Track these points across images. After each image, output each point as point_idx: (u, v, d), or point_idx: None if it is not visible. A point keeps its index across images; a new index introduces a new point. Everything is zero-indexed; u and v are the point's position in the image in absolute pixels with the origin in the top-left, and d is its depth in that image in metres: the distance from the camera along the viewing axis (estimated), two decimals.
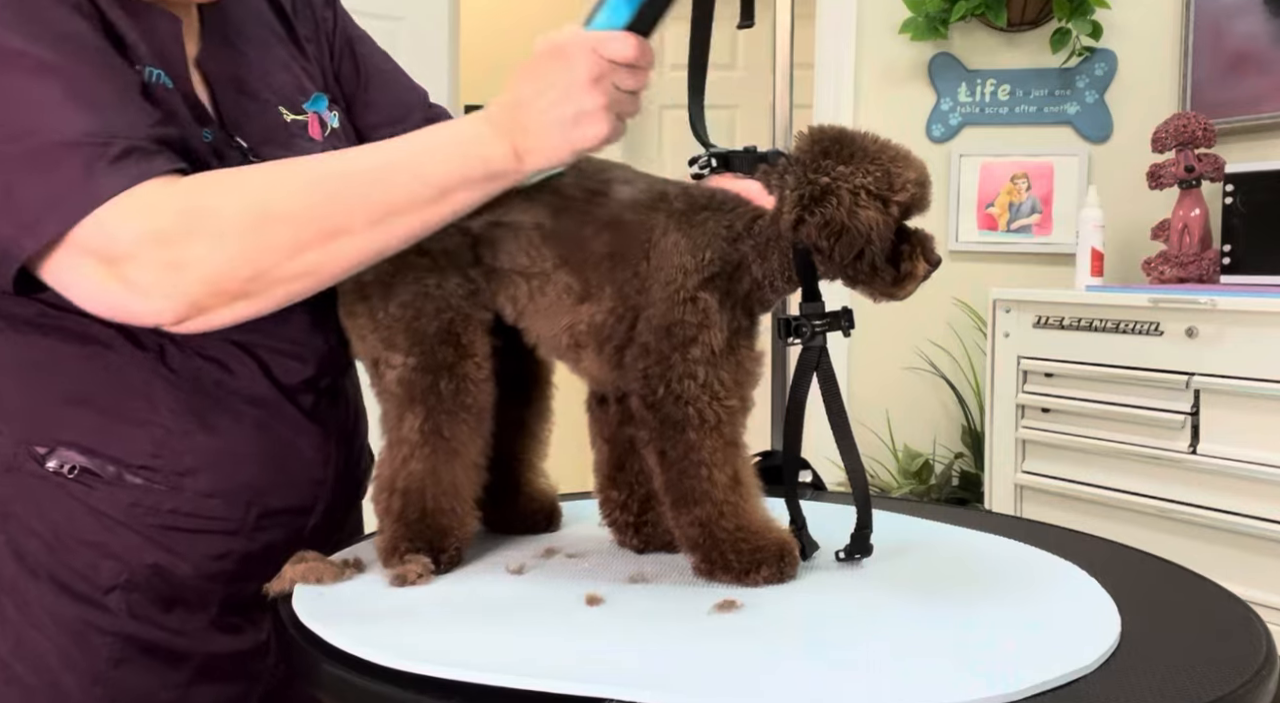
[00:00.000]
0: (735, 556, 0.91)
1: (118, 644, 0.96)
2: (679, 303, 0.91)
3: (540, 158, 0.87)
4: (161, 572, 0.97)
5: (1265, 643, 0.81)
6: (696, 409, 0.91)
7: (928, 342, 2.84)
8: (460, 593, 0.90)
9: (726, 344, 0.93)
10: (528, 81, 0.87)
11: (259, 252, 0.84)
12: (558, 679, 0.71)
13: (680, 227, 0.93)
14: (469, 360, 0.94)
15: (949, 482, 2.74)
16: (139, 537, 0.95)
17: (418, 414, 0.93)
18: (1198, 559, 1.26)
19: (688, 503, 0.92)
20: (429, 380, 0.93)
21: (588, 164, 0.97)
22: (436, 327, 0.93)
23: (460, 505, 0.96)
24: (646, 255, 0.92)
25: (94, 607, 0.95)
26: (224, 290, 0.84)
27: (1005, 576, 0.97)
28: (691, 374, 0.91)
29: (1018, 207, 2.83)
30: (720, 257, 0.92)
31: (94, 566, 0.95)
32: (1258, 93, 2.45)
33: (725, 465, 0.92)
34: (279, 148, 1.01)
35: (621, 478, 1.02)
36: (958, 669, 0.74)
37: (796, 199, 0.91)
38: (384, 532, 0.95)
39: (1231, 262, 2.25)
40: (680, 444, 0.91)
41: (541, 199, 0.94)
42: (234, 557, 1.00)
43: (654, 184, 0.96)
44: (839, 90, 2.93)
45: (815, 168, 0.92)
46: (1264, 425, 1.90)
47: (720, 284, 0.93)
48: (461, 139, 0.88)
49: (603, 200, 0.94)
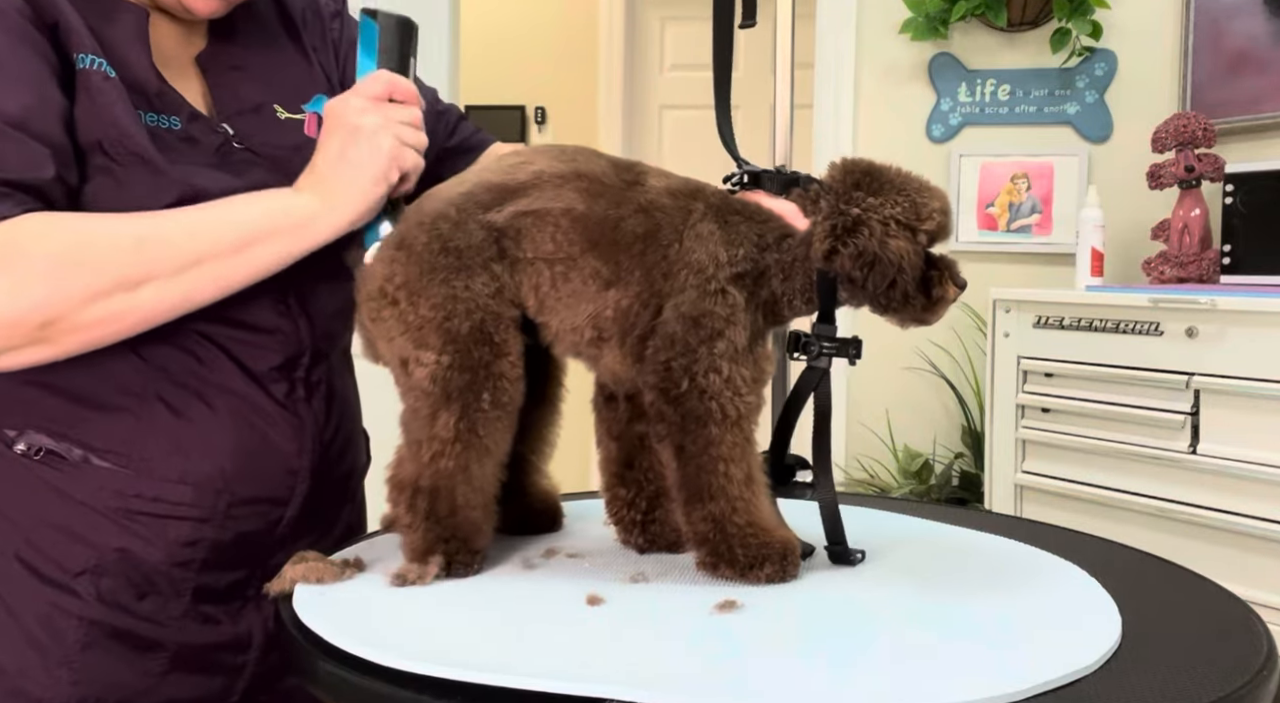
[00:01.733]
0: (742, 550, 0.91)
1: (85, 629, 0.97)
2: (710, 293, 0.92)
3: (348, 196, 0.96)
4: (130, 557, 0.98)
5: (1265, 643, 0.81)
6: (719, 404, 0.91)
7: (928, 342, 2.84)
8: (460, 593, 0.90)
9: (748, 343, 0.94)
10: (319, 153, 0.98)
11: (55, 298, 0.87)
12: (558, 679, 0.71)
13: (716, 217, 0.95)
14: (504, 359, 0.93)
15: (949, 482, 2.74)
16: (106, 521, 0.97)
17: (453, 412, 0.91)
18: (1198, 559, 1.26)
19: (702, 498, 0.92)
20: (466, 379, 0.91)
21: (615, 157, 0.99)
22: (469, 327, 0.91)
23: (487, 504, 0.96)
24: (680, 238, 0.93)
25: (63, 591, 0.97)
26: (16, 334, 0.87)
27: (1005, 576, 0.97)
28: (716, 368, 0.92)
29: (1018, 207, 2.83)
30: (749, 257, 0.94)
31: (63, 549, 0.97)
32: (1258, 93, 2.45)
33: (742, 462, 0.92)
34: (265, 134, 1.05)
35: (630, 476, 1.02)
36: (958, 669, 0.74)
37: (829, 229, 0.94)
38: (414, 531, 0.94)
39: (1231, 262, 2.25)
40: (700, 439, 0.92)
41: (575, 185, 0.94)
42: (205, 545, 1.01)
43: (690, 181, 0.98)
44: (839, 90, 2.93)
45: (847, 199, 0.95)
46: (1264, 425, 1.90)
47: (747, 284, 0.94)
48: (268, 196, 0.97)
49: (639, 188, 0.96)
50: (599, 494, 1.08)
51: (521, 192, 0.94)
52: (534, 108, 4.51)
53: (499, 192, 0.94)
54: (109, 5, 0.98)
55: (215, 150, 1.02)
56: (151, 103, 0.99)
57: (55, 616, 0.97)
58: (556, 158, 0.97)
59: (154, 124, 0.98)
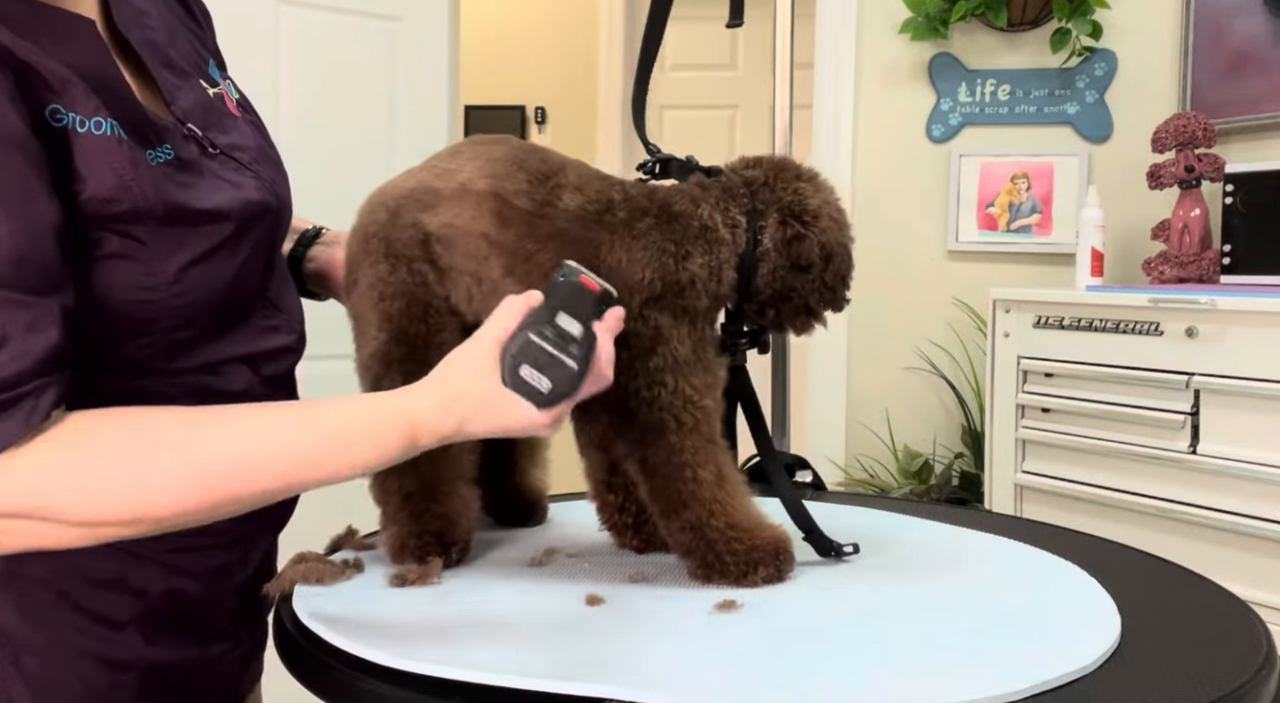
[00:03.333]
0: (731, 558, 0.91)
1: (138, 676, 0.90)
2: (630, 319, 0.91)
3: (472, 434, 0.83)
4: (176, 595, 0.91)
5: (1265, 643, 0.81)
6: (673, 414, 0.92)
7: (928, 342, 2.84)
8: (460, 593, 0.90)
9: (692, 352, 0.93)
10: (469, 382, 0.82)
11: (97, 532, 0.76)
12: (558, 679, 0.71)
13: (623, 241, 0.92)
14: (441, 333, 0.95)
15: (949, 482, 2.74)
16: (154, 565, 0.90)
17: (394, 383, 0.91)
18: (1198, 559, 1.26)
19: (676, 508, 0.92)
20: (404, 351, 0.94)
21: (539, 164, 0.95)
22: (399, 307, 0.95)
23: (459, 486, 0.96)
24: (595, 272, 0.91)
25: (111, 644, 0.89)
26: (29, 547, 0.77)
27: (1005, 575, 0.97)
28: (660, 381, 0.92)
29: (1018, 207, 2.83)
30: (661, 276, 0.92)
31: (109, 601, 0.88)
32: (1258, 93, 2.45)
33: (708, 464, 0.92)
34: (221, 134, 0.94)
35: (616, 482, 1.02)
36: (957, 669, 0.74)
37: (787, 215, 0.95)
38: (388, 528, 0.95)
39: (1231, 262, 2.25)
40: (662, 449, 0.92)
41: (489, 206, 0.93)
42: (235, 567, 0.96)
43: (603, 189, 0.95)
44: (839, 90, 2.93)
45: (794, 190, 0.96)
46: (1264, 425, 1.89)
47: (668, 303, 0.92)
48: (384, 451, 0.80)
49: (549, 212, 0.93)
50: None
51: (448, 202, 0.94)
52: (534, 108, 4.51)
53: (433, 196, 0.95)
54: (60, 24, 0.82)
55: (196, 162, 0.90)
56: (147, 138, 0.86)
57: (105, 669, 0.88)
58: (480, 169, 0.95)
59: (156, 163, 0.85)
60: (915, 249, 2.86)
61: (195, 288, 0.85)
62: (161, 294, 0.84)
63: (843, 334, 2.89)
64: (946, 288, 2.83)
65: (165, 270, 0.84)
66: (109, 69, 0.85)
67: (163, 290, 0.84)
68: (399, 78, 2.68)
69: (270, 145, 1.01)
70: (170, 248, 0.84)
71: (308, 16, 2.52)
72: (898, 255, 2.85)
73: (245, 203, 0.91)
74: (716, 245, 0.94)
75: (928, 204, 2.88)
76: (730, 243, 0.94)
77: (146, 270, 0.83)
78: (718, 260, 0.94)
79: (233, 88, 1.02)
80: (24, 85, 0.78)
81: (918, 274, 2.85)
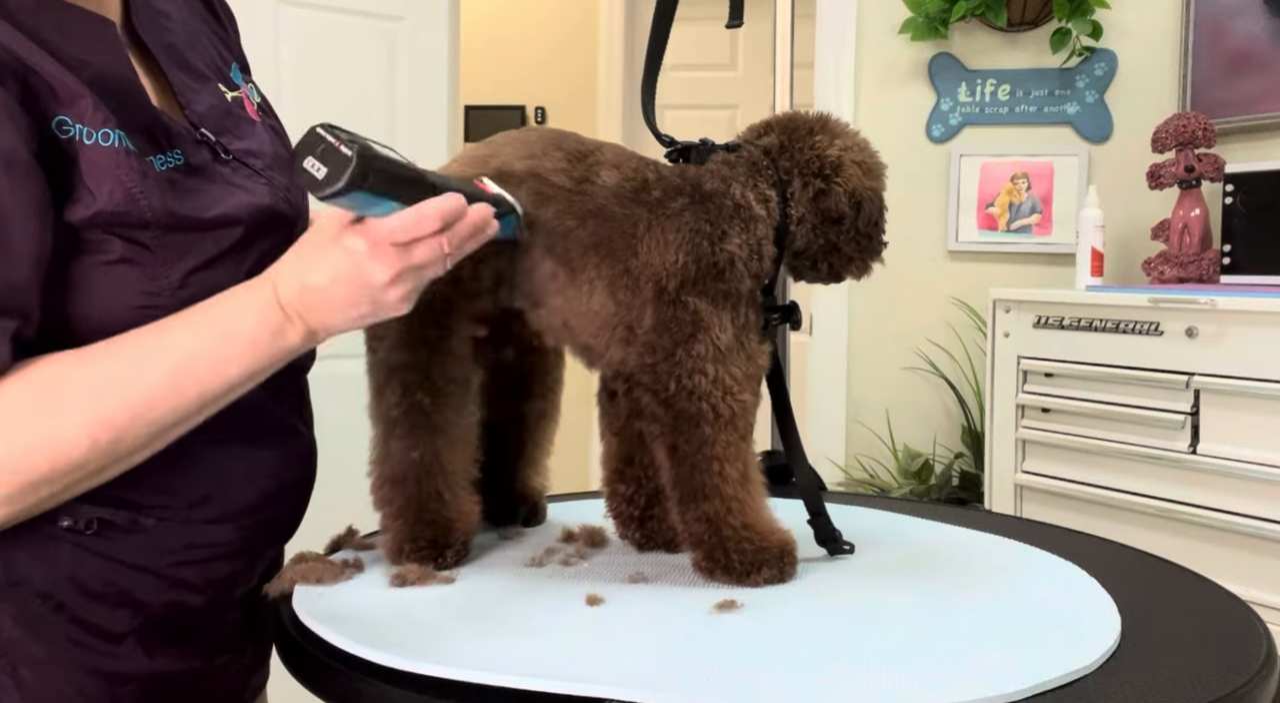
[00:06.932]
0: (738, 555, 0.91)
1: (137, 688, 0.89)
2: (665, 304, 0.91)
3: (335, 331, 0.83)
4: (178, 608, 0.90)
5: (1265, 643, 0.81)
6: (710, 404, 0.91)
7: (927, 342, 2.83)
8: (460, 593, 0.90)
9: (734, 340, 0.92)
10: (314, 268, 0.81)
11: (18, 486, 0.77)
12: (558, 679, 0.71)
13: (659, 220, 0.92)
14: (452, 337, 0.94)
15: (949, 482, 2.74)
16: (155, 578, 0.89)
17: (395, 389, 0.92)
18: (1198, 559, 1.26)
19: (696, 498, 0.92)
20: (407, 356, 0.93)
21: (576, 144, 0.95)
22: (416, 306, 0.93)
23: (457, 491, 0.95)
24: (635, 252, 0.91)
25: (109, 656, 0.88)
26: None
27: (1005, 575, 0.97)
28: (701, 370, 0.91)
29: (1018, 207, 2.82)
30: (695, 259, 0.91)
31: (108, 615, 0.87)
32: (1258, 93, 2.45)
33: (737, 461, 0.92)
34: (236, 139, 0.94)
35: (630, 472, 1.02)
36: (957, 669, 0.74)
37: (804, 180, 0.96)
38: (386, 530, 0.95)
39: (1231, 262, 2.25)
40: (694, 439, 0.91)
41: (528, 187, 0.92)
42: (235, 579, 0.95)
43: (639, 167, 0.95)
44: (839, 90, 2.93)
45: (811, 145, 0.97)
46: (1264, 425, 1.89)
47: (707, 286, 0.91)
48: (258, 337, 0.81)
49: (588, 189, 0.92)
50: (598, 494, 1.08)
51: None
52: (534, 108, 4.51)
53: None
54: (80, 24, 0.83)
55: (207, 168, 0.90)
56: (158, 143, 0.86)
57: (103, 682, 0.88)
58: (517, 152, 0.94)
59: (164, 169, 0.85)
60: (915, 249, 2.86)
61: (201, 293, 0.85)
62: (167, 299, 0.84)
63: (843, 334, 2.90)
64: (946, 288, 2.83)
65: (171, 276, 0.84)
66: (125, 71, 0.85)
67: (168, 296, 0.84)
68: (399, 78, 2.68)
69: (289, 150, 0.98)
70: (177, 253, 0.85)
71: (308, 16, 2.52)
72: (898, 255, 2.84)
73: (256, 209, 0.91)
74: (753, 223, 0.94)
75: (928, 204, 2.87)
76: (766, 218, 0.95)
77: (152, 276, 0.83)
78: (755, 238, 0.94)
79: (255, 92, 1.02)
80: (30, 95, 0.78)
81: (918, 274, 2.85)
